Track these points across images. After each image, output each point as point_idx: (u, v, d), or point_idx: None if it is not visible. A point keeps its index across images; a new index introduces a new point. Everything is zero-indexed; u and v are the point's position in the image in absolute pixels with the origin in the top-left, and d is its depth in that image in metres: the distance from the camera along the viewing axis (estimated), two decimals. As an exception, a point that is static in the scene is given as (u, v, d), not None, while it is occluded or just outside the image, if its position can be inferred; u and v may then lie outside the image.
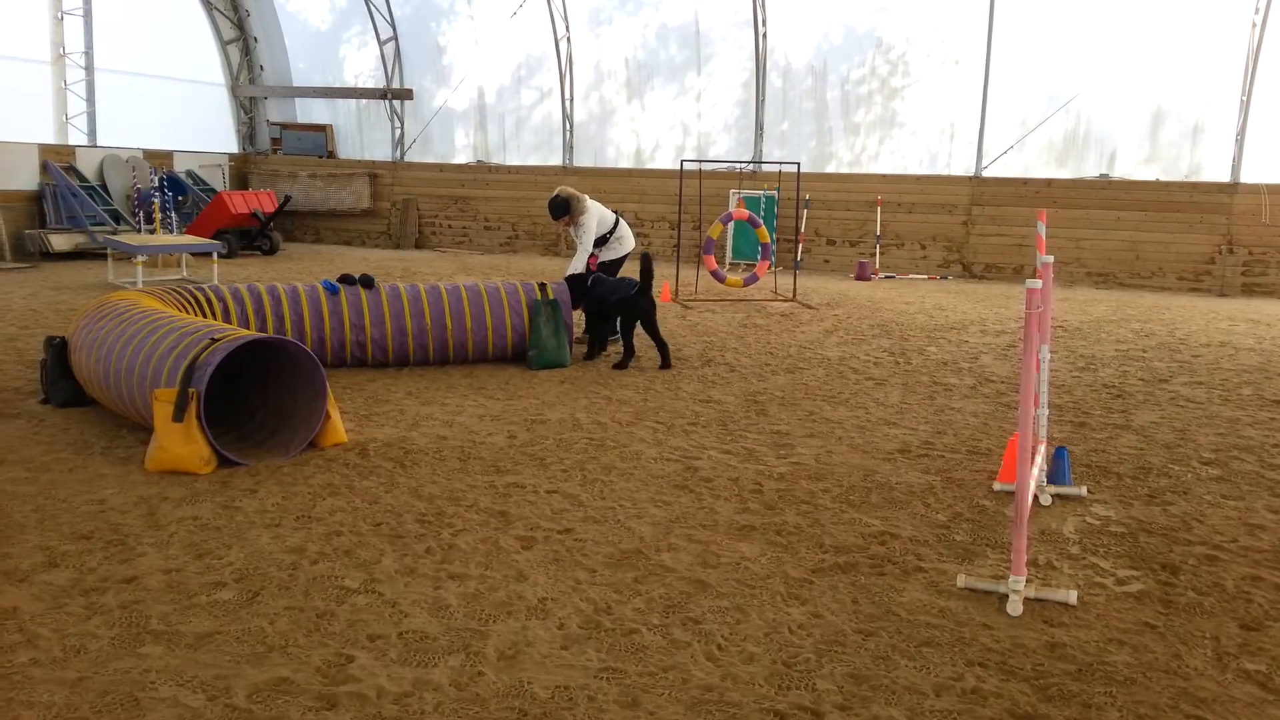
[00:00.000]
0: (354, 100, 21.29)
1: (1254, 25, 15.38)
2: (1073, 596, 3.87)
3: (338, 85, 21.35)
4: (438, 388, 7.49)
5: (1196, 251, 15.95)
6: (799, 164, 14.54)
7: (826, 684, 3.23)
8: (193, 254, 14.32)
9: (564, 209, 9.35)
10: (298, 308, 7.76)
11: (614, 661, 3.33)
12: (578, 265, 9.17)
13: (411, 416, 6.60)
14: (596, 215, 9.48)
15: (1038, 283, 3.84)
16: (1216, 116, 15.97)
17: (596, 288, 8.79)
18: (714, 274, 12.72)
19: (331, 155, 21.41)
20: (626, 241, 9.87)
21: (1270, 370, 9.01)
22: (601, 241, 9.56)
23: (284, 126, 21.62)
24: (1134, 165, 16.58)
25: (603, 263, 9.53)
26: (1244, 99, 15.63)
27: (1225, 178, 15.88)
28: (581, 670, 3.27)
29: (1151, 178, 16.36)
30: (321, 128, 21.44)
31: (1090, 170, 16.74)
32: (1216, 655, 3.50)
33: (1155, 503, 5.15)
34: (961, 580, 4.02)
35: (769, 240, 13.06)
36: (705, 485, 5.28)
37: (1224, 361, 9.42)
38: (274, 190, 19.07)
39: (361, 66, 21.15)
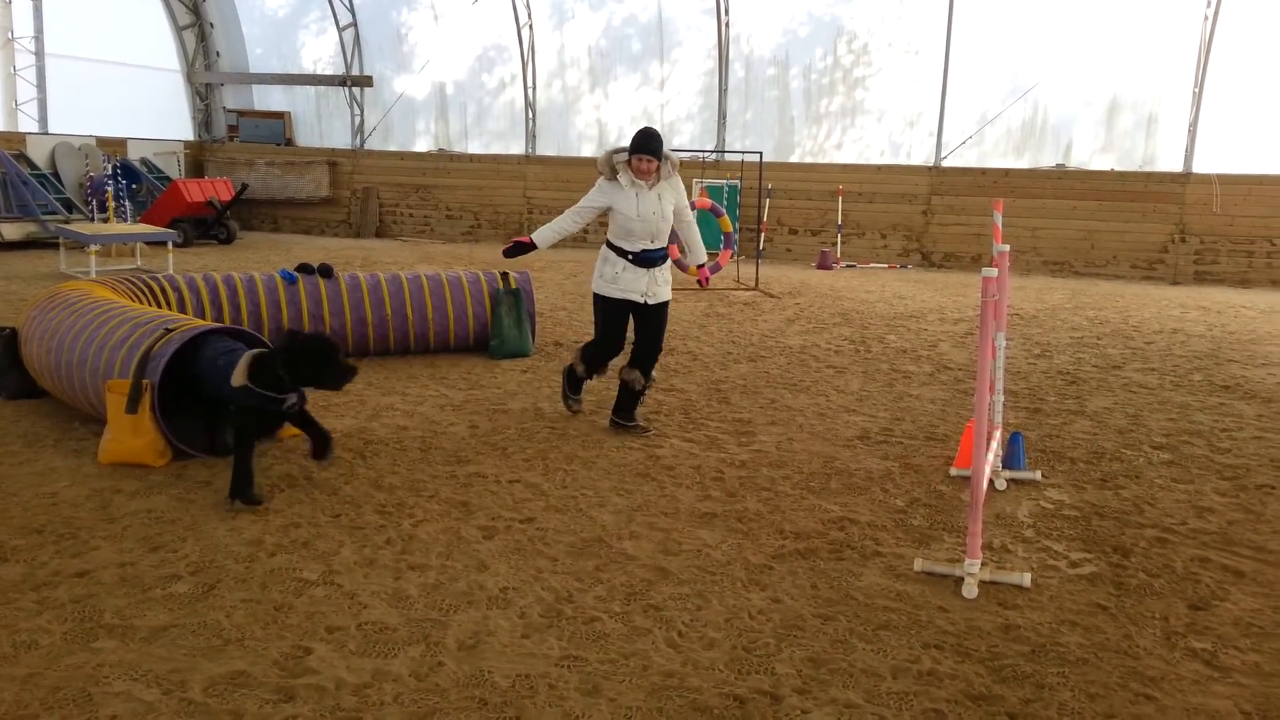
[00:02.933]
0: (313, 87, 21.01)
1: (1205, 18, 15.65)
2: (1027, 579, 3.93)
3: (296, 72, 21.06)
4: (399, 378, 7.44)
5: (1150, 240, 16.23)
6: (761, 154, 14.59)
7: (785, 668, 3.26)
8: (147, 243, 14.07)
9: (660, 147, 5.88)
10: (255, 297, 7.66)
11: (575, 649, 3.34)
12: (701, 251, 6.61)
13: (372, 407, 6.55)
14: None
15: (994, 271, 3.89)
16: (1170, 107, 16.24)
17: None
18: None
19: (290, 143, 21.13)
20: None
21: (1220, 356, 9.20)
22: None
23: (241, 113, 21.30)
24: (1090, 155, 16.82)
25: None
26: (1196, 90, 15.91)
27: (1178, 167, 16.16)
28: (542, 659, 3.27)
29: (1107, 167, 16.62)
30: (279, 115, 21.15)
31: (1047, 160, 16.96)
32: (1165, 635, 3.57)
33: (1107, 487, 5.25)
34: (918, 564, 4.07)
35: (731, 229, 13.10)
36: (667, 473, 5.29)
37: (1175, 348, 9.60)
38: (231, 178, 18.78)
39: (320, 53, 20.88)
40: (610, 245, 6.03)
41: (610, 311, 6.05)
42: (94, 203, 16.14)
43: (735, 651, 3.37)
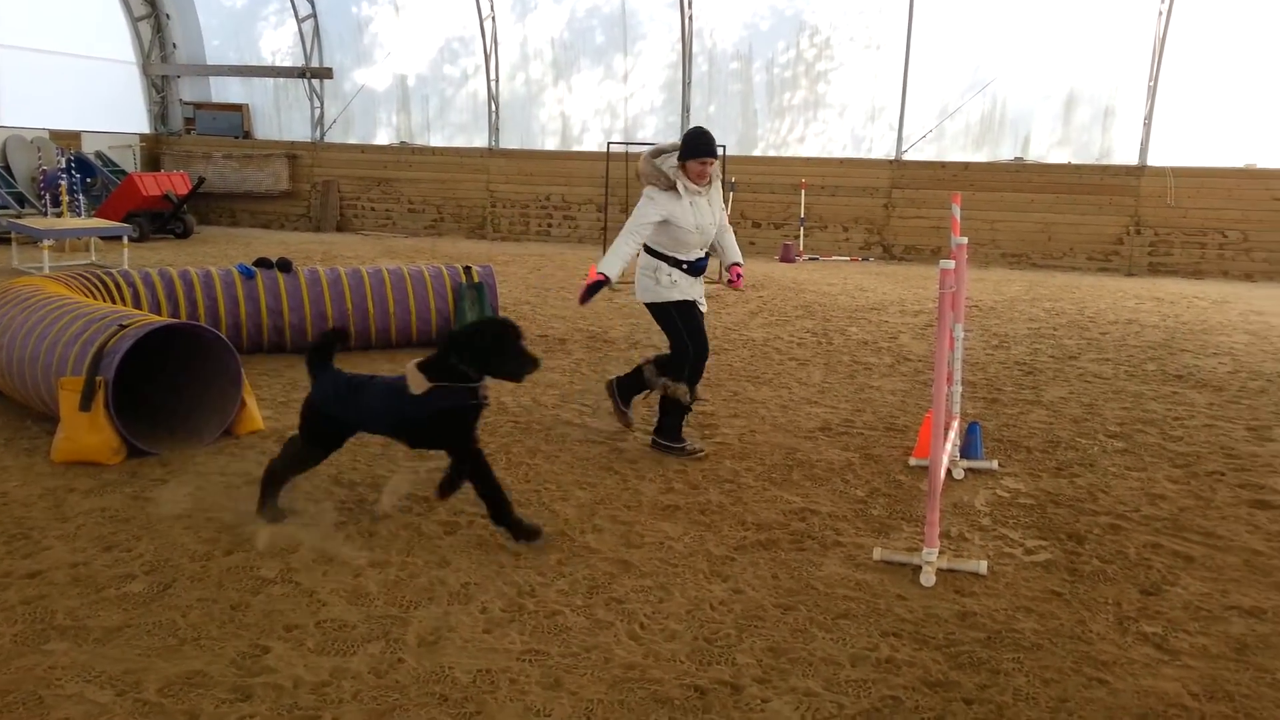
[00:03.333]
0: (271, 79, 20.72)
1: (1160, 13, 15.90)
2: (983, 567, 3.99)
3: (254, 64, 20.76)
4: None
5: (1106, 232, 16.48)
6: (724, 147, 14.60)
7: (746, 658, 3.28)
8: (102, 238, 13.83)
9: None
10: (212, 292, 7.56)
11: (537, 644, 3.34)
12: (736, 251, 5.92)
13: (332, 402, 6.48)
14: None
15: (951, 263, 3.93)
16: (1125, 101, 16.49)
17: None
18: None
19: (248, 135, 20.84)
20: None
21: (1174, 346, 9.37)
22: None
23: (198, 106, 20.96)
24: (1047, 148, 17.04)
25: None
26: (1151, 84, 16.16)
27: (1133, 160, 16.43)
28: (504, 653, 3.27)
29: (1064, 160, 16.84)
30: (237, 107, 20.85)
31: (1006, 153, 17.16)
32: (1118, 620, 3.64)
33: (1063, 475, 5.34)
34: (877, 553, 4.12)
35: (695, 222, 13.09)
36: (630, 466, 5.30)
37: (1130, 339, 9.77)
38: (188, 172, 18.49)
39: (279, 44, 20.60)
40: (657, 254, 5.46)
41: (683, 312, 5.49)
42: (47, 197, 15.82)
43: (696, 643, 3.39)
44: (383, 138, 20.44)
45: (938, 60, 17.11)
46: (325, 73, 20.18)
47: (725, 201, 6.26)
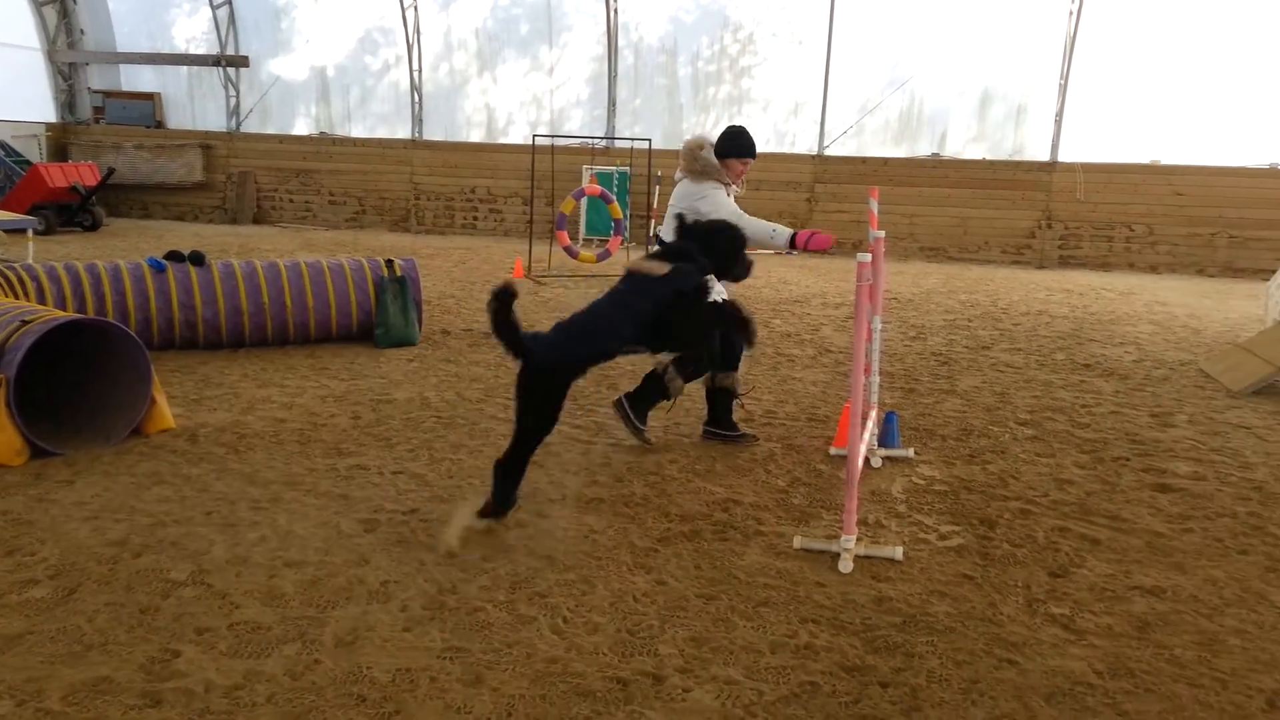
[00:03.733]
0: (185, 67, 20.12)
1: (1071, 13, 16.41)
2: (899, 552, 4.08)
3: (166, 51, 20.12)
4: (276, 369, 7.22)
5: (1019, 226, 16.97)
6: (650, 141, 14.65)
7: (668, 648, 3.31)
8: (5, 231, 13.26)
9: None
10: (120, 287, 7.31)
11: (458, 641, 3.31)
12: (767, 237, 5.74)
13: (247, 399, 6.34)
14: None
15: (867, 256, 4.00)
16: (1038, 99, 17.00)
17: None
18: (567, 250, 12.70)
19: (160, 125, 20.21)
20: None
21: (1082, 336, 9.70)
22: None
23: (107, 94, 20.26)
24: (963, 144, 17.48)
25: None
26: (1062, 82, 16.68)
27: (1045, 157, 16.94)
28: (424, 651, 3.23)
29: (979, 157, 17.29)
30: (149, 96, 20.20)
31: (924, 149, 17.54)
32: (1027, 602, 3.76)
33: (975, 462, 5.49)
34: (798, 541, 4.18)
35: (622, 216, 13.12)
36: (555, 460, 5.29)
37: (1041, 329, 10.08)
38: (96, 162, 17.86)
39: (193, 31, 20.01)
40: None
41: (720, 309, 5.20)
42: (-57, 188, 15.15)
43: (619, 635, 3.40)
44: (301, 128, 20.01)
45: (858, 57, 17.41)
46: (241, 61, 19.67)
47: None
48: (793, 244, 5.53)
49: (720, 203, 5.47)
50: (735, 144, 5.48)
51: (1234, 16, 15.80)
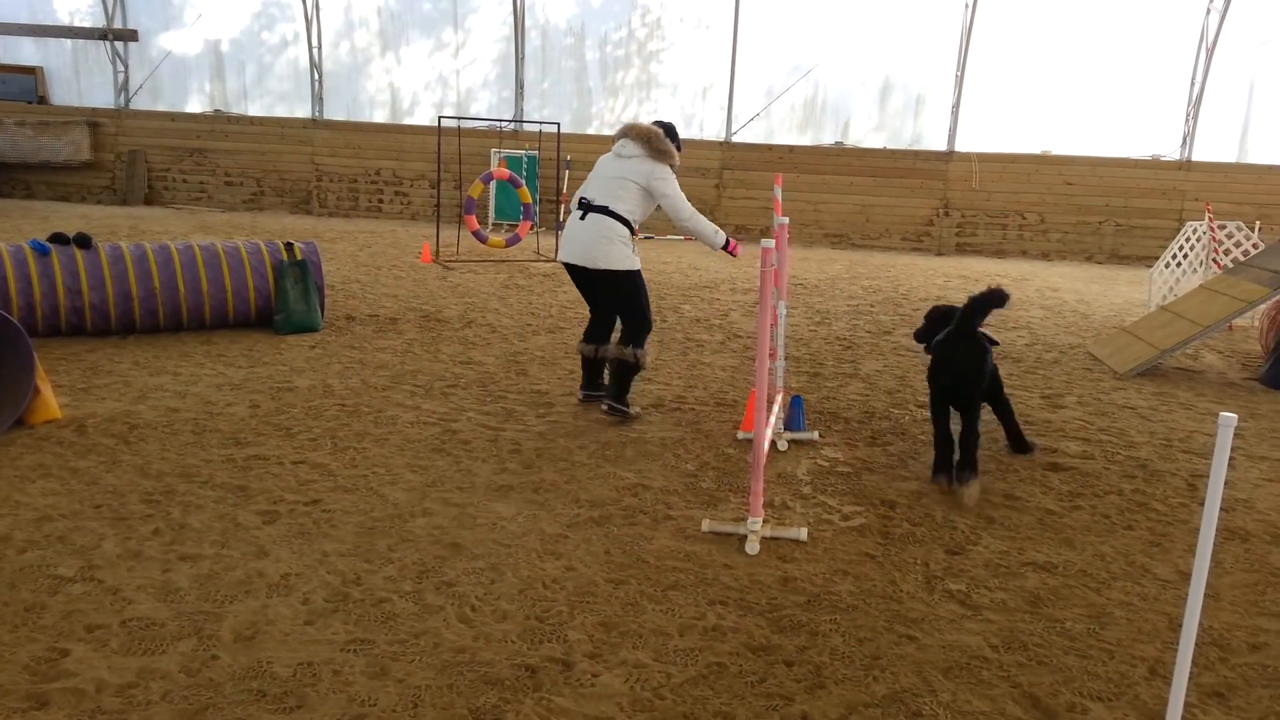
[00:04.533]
0: (69, 40, 19.13)
1: (966, 6, 16.87)
2: (803, 533, 4.16)
3: (48, 23, 19.10)
4: (169, 356, 6.95)
5: (918, 214, 17.43)
6: (559, 124, 14.56)
7: (578, 634, 3.31)
8: None
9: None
10: (0, 270, 6.93)
11: (362, 633, 3.25)
12: (710, 235, 6.14)
13: (138, 388, 6.09)
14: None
15: (771, 242, 4.05)
16: (936, 89, 17.46)
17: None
18: (476, 234, 12.54)
19: (43, 101, 19.20)
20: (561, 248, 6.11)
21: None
22: None
23: (-18, 66, 19.13)
24: (865, 133, 17.85)
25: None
26: (959, 74, 17.16)
27: (942, 146, 17.41)
28: (326, 645, 3.17)
29: (880, 145, 17.67)
30: (30, 70, 19.15)
31: (828, 137, 17.85)
32: (926, 579, 3.88)
33: (877, 444, 5.63)
34: (706, 525, 4.22)
35: (530, 200, 13.02)
36: (463, 447, 5.23)
37: (941, 314, 10.37)
38: (-29, 138, 16.88)
39: (77, 3, 19.03)
40: (632, 227, 5.85)
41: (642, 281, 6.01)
42: None
43: (528, 622, 3.38)
44: (195, 105, 19.27)
45: (763, 44, 17.60)
46: (130, 35, 18.80)
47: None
48: (725, 246, 6.17)
49: (677, 189, 5.94)
50: (677, 139, 6.01)
51: (1120, 14, 16.49)
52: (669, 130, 6.01)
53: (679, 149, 6.01)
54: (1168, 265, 11.20)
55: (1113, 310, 11.36)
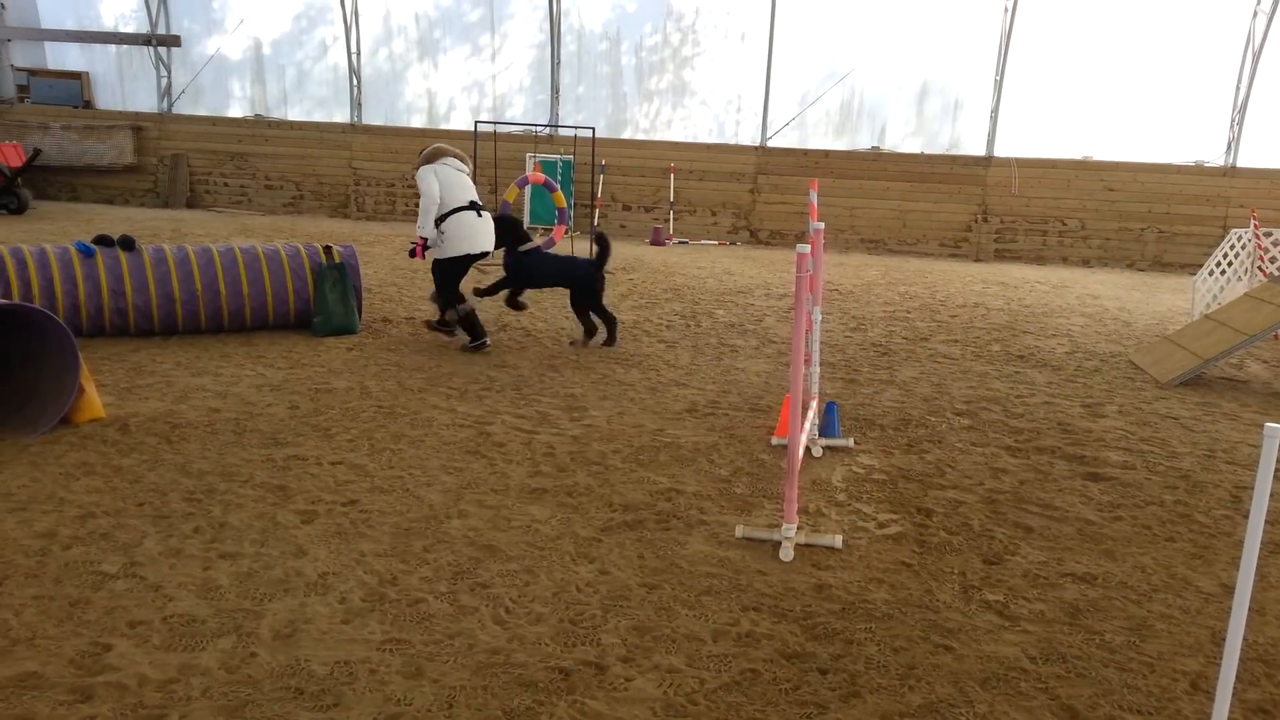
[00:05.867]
0: (114, 46, 19.50)
1: (1006, 10, 16.71)
2: (838, 541, 4.14)
3: (94, 29, 19.48)
4: (211, 357, 7.06)
5: (956, 220, 17.27)
6: (594, 129, 14.59)
7: (611, 638, 3.31)
8: (-79, 212, 12.76)
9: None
10: (47, 272, 7.08)
11: (398, 632, 3.28)
12: (418, 228, 7.50)
13: (180, 388, 6.19)
14: (441, 181, 7.44)
15: (806, 247, 4.04)
16: (974, 93, 17.30)
17: (528, 258, 8.10)
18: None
19: (89, 105, 19.57)
20: (461, 241, 7.47)
21: (1016, 328, 9.92)
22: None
23: (32, 73, 19.54)
24: (902, 138, 17.72)
25: (436, 261, 7.65)
26: (998, 78, 16.99)
27: (981, 151, 17.25)
28: (363, 644, 3.20)
29: (917, 150, 17.54)
30: (76, 75, 19.54)
31: (864, 142, 17.75)
32: (963, 589, 3.84)
33: (913, 451, 5.58)
34: (739, 531, 4.21)
35: (565, 205, 13.05)
36: (498, 450, 5.26)
37: (977, 321, 10.28)
38: (21, 143, 17.24)
39: (122, 8, 19.39)
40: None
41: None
42: None
43: (562, 624, 3.39)
44: (236, 110, 19.55)
45: (799, 50, 17.53)
46: (173, 40, 19.13)
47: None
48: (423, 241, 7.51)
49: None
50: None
51: (1164, 17, 16.25)
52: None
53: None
54: (1211, 273, 11.01)
55: (1155, 318, 11.19)
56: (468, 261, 7.62)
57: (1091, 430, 6.20)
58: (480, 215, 7.56)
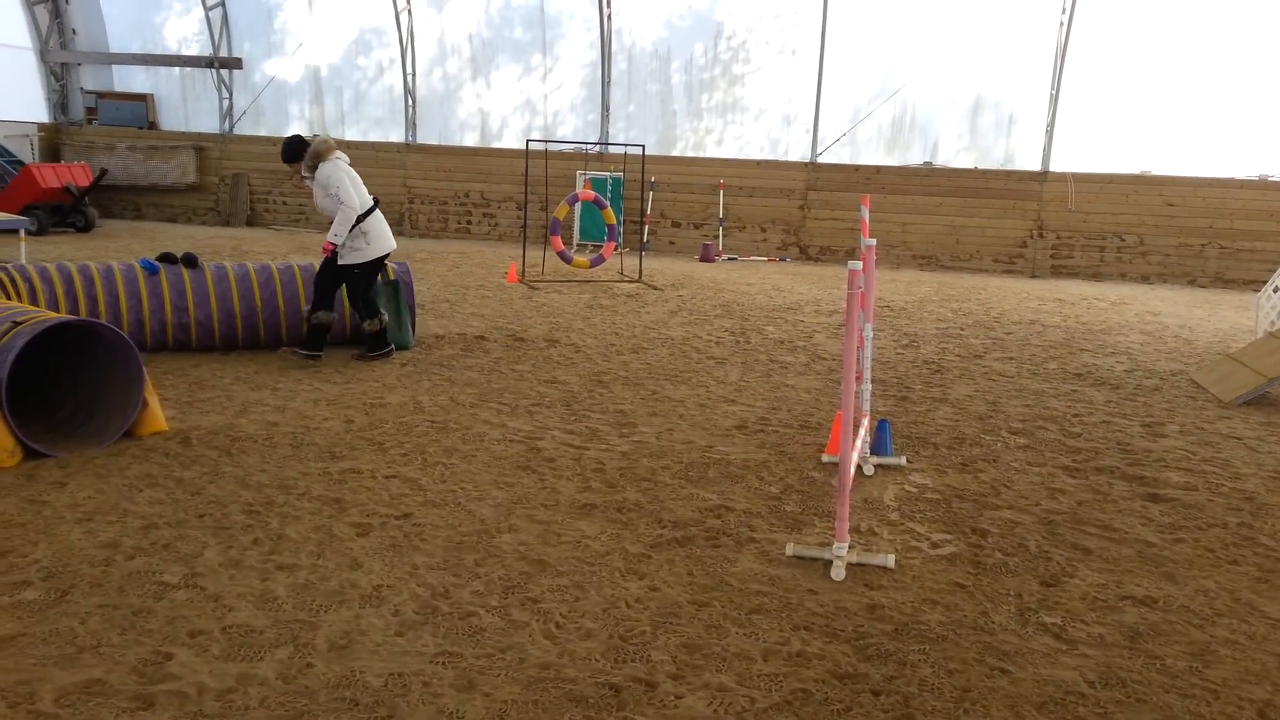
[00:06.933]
0: (177, 69, 20.08)
1: (1061, 24, 16.49)
2: (891, 560, 4.09)
3: (159, 52, 20.09)
4: (269, 372, 7.21)
5: (1010, 235, 17.03)
6: (644, 146, 14.67)
7: (661, 655, 3.31)
8: (-5, 231, 13.22)
9: (295, 152, 7.72)
10: (112, 288, 7.30)
11: (450, 645, 3.31)
12: (335, 234, 7.38)
13: (240, 402, 6.32)
14: (347, 179, 7.53)
15: (858, 264, 4.02)
16: (1028, 108, 17.07)
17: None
18: (561, 255, 12.71)
19: (153, 126, 20.16)
20: (381, 240, 7.67)
21: (1073, 346, 9.74)
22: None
23: (100, 95, 20.20)
24: (955, 153, 17.54)
25: (349, 266, 7.54)
26: (1053, 92, 16.76)
27: (1036, 166, 17.00)
28: (416, 656, 3.23)
29: (970, 165, 17.35)
30: (141, 97, 20.15)
31: (915, 157, 17.60)
32: (1019, 611, 3.77)
33: (968, 470, 5.51)
34: (790, 549, 4.19)
35: (615, 222, 13.14)
36: (548, 465, 5.29)
37: (1033, 338, 10.12)
38: (89, 163, 17.82)
39: (185, 32, 19.97)
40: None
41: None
42: (-66, 187, 15.08)
43: (612, 640, 3.40)
44: (295, 130, 19.96)
45: (850, 66, 17.47)
46: (234, 63, 19.65)
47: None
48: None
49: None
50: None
51: (1224, 28, 15.91)
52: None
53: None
54: (1276, 289, 10.72)
55: (1217, 336, 10.92)
56: (382, 262, 7.75)
57: (1151, 450, 6.07)
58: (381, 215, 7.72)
